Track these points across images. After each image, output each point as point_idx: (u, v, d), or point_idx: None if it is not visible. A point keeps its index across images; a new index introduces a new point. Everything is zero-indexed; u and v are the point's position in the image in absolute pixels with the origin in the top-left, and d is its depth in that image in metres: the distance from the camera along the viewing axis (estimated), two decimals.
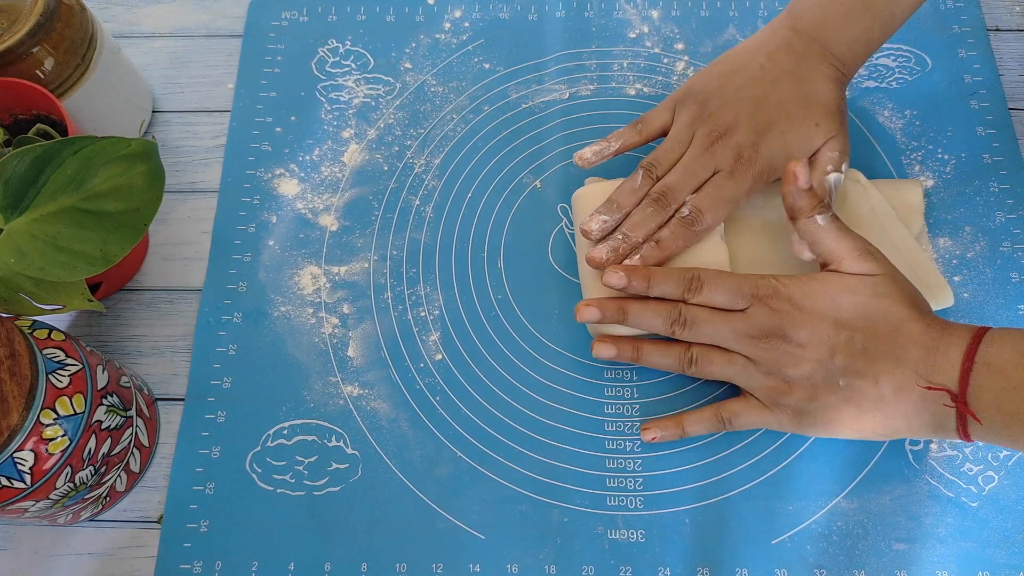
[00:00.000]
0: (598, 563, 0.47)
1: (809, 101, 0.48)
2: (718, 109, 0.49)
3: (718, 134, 0.48)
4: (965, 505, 0.48)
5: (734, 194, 0.48)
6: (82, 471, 0.43)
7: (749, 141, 0.47)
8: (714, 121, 0.48)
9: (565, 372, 0.52)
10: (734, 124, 0.48)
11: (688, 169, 0.48)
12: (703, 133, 0.49)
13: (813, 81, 0.48)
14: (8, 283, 0.43)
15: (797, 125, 0.48)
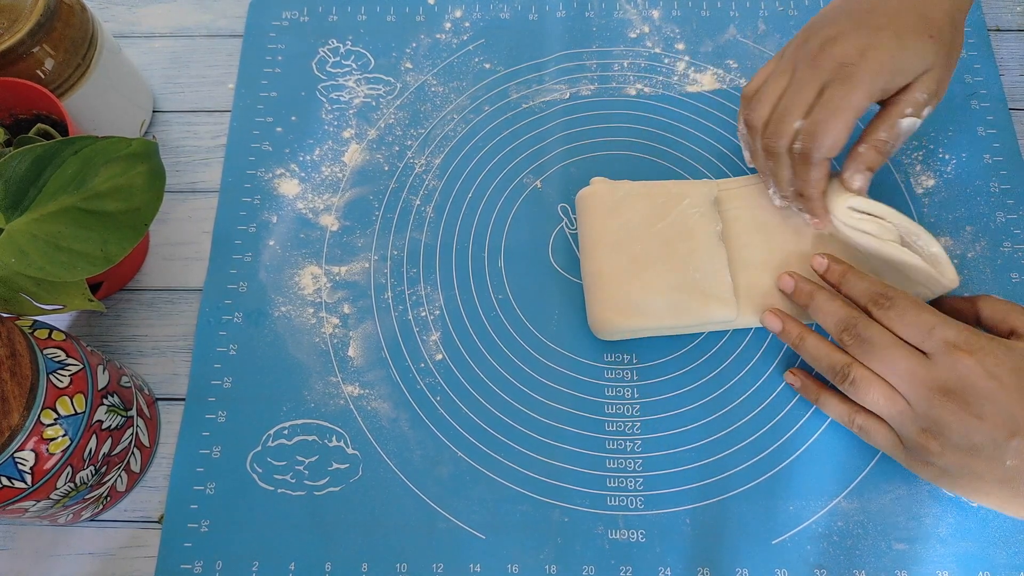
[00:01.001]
0: (598, 563, 0.47)
1: (923, 13, 0.43)
2: (821, 27, 0.44)
3: (821, 47, 0.43)
4: (965, 505, 0.48)
5: (847, 101, 0.42)
6: (83, 471, 0.43)
7: (856, 47, 0.42)
8: (817, 38, 0.44)
9: (565, 372, 0.52)
10: (839, 34, 0.43)
11: (791, 93, 0.44)
12: (805, 52, 0.44)
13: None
14: (8, 283, 0.43)
15: (907, 34, 0.42)
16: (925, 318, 0.41)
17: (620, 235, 0.50)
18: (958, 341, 0.39)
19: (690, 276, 0.49)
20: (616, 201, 0.51)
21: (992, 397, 0.38)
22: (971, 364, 0.39)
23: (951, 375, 0.39)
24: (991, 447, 0.38)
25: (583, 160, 0.58)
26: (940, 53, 0.43)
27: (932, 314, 0.41)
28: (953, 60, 0.44)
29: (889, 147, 0.44)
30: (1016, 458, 0.38)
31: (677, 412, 0.51)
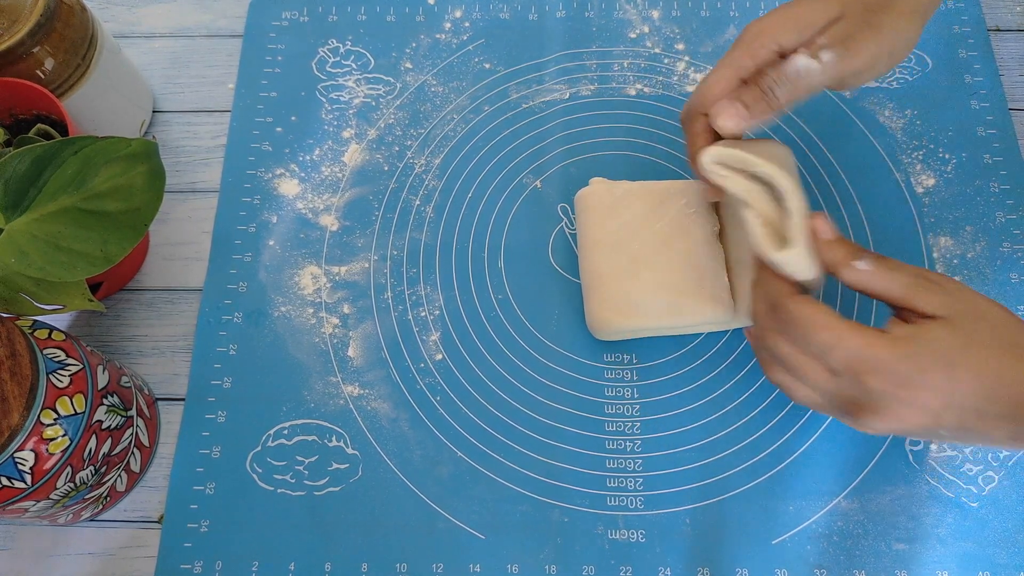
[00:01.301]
0: (598, 563, 0.47)
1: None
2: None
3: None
4: (965, 505, 0.48)
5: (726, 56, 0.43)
6: (82, 471, 0.43)
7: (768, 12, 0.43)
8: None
9: (565, 372, 0.52)
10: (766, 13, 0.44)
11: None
12: None
13: None
14: (8, 283, 0.43)
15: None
16: (823, 336, 0.38)
17: (618, 235, 0.50)
18: (854, 364, 0.37)
19: (688, 276, 0.49)
20: (614, 201, 0.51)
21: (909, 402, 0.37)
22: (875, 386, 0.37)
23: (861, 396, 0.38)
24: (922, 430, 0.38)
25: (583, 160, 0.58)
26: (853, 7, 0.41)
27: (827, 331, 0.38)
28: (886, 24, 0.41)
29: (772, 84, 0.41)
30: (950, 431, 0.38)
31: (677, 412, 0.51)
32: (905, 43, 0.42)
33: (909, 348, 0.37)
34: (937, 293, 0.38)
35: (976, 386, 0.36)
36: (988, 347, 0.37)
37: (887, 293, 0.39)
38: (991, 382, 0.36)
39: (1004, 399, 0.36)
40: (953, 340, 0.37)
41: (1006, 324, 0.38)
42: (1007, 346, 0.37)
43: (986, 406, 0.36)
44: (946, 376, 0.36)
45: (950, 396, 0.37)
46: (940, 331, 0.37)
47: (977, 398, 0.36)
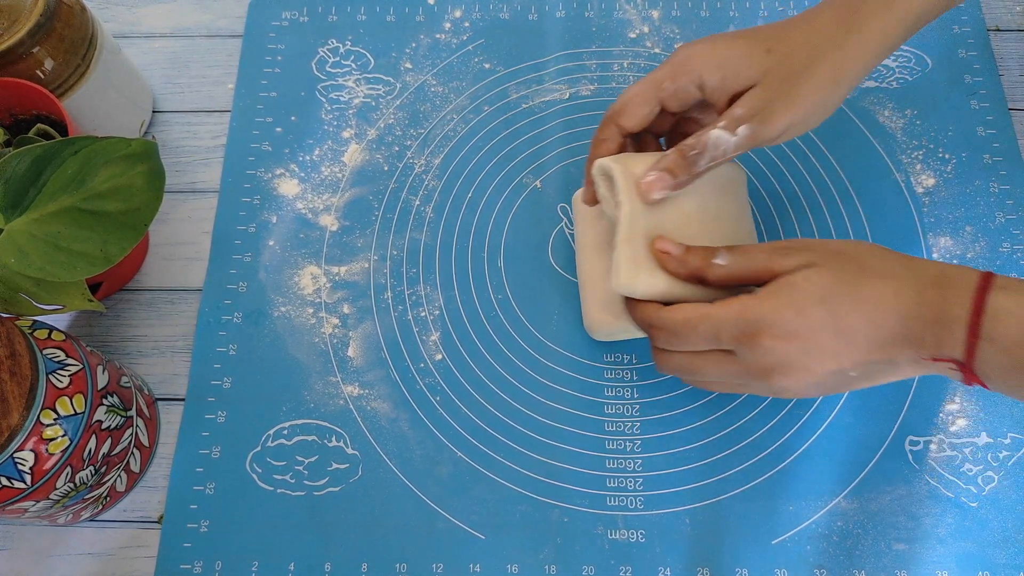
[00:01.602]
0: (598, 563, 0.47)
1: (781, 33, 0.42)
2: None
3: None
4: (965, 505, 0.48)
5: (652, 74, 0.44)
6: (82, 471, 0.43)
7: (697, 43, 0.44)
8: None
9: (565, 372, 0.52)
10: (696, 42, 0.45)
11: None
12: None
13: (805, 21, 0.43)
14: (8, 283, 0.43)
15: (751, 38, 0.42)
16: (702, 329, 0.40)
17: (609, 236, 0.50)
18: (741, 332, 0.39)
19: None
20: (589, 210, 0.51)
21: (807, 350, 0.38)
22: (768, 344, 0.38)
23: (761, 360, 0.39)
24: (832, 378, 0.39)
25: (583, 160, 0.58)
26: (774, 74, 0.41)
27: (706, 320, 0.40)
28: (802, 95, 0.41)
29: (694, 154, 0.42)
30: (857, 370, 0.39)
31: (677, 412, 0.51)
32: (822, 110, 0.43)
33: (781, 297, 0.38)
34: (795, 253, 0.39)
35: (858, 316, 0.38)
36: (857, 277, 0.38)
37: (752, 272, 0.40)
38: (871, 308, 0.37)
39: (890, 321, 0.37)
40: (820, 279, 0.38)
41: (869, 254, 0.39)
42: (875, 272, 0.38)
43: (875, 333, 0.38)
44: (826, 312, 0.38)
45: (837, 332, 0.38)
46: (806, 274, 0.38)
47: (864, 328, 0.38)
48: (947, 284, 0.37)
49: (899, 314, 0.37)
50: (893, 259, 0.39)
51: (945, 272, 0.38)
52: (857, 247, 0.40)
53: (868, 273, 0.38)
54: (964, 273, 0.38)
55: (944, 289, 0.37)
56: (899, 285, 0.38)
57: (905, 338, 0.38)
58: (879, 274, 0.38)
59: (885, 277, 0.38)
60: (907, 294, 0.37)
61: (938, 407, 0.50)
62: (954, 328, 0.36)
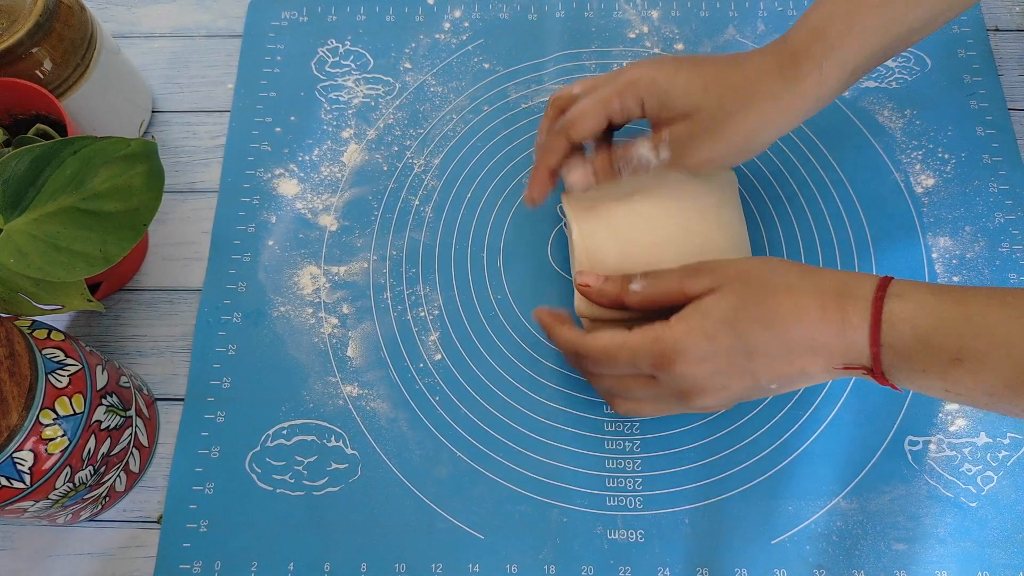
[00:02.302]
0: (597, 563, 0.47)
1: (720, 74, 0.44)
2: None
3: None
4: (964, 505, 0.48)
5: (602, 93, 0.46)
6: (81, 471, 0.43)
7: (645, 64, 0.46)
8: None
9: (565, 372, 0.52)
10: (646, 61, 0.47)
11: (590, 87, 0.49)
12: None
13: (748, 61, 0.44)
14: (8, 283, 0.43)
15: (695, 69, 0.44)
16: (621, 357, 0.42)
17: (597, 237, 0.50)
18: (656, 359, 0.41)
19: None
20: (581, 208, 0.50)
21: (720, 371, 0.40)
22: (681, 369, 0.40)
23: (679, 384, 0.41)
24: (748, 391, 0.41)
25: None
26: (705, 111, 0.44)
27: (623, 348, 0.42)
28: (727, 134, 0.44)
29: (619, 164, 0.47)
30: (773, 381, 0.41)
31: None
32: (744, 153, 0.46)
33: (691, 323, 0.40)
34: (702, 275, 0.41)
35: (765, 335, 0.39)
36: (760, 297, 0.40)
37: (666, 295, 0.42)
38: (776, 325, 0.39)
39: (796, 336, 0.39)
40: (726, 302, 0.40)
41: (771, 271, 0.41)
42: (777, 290, 0.40)
43: (783, 348, 0.39)
44: (734, 334, 0.39)
45: (747, 353, 0.39)
46: (712, 300, 0.40)
47: (773, 344, 0.39)
48: (847, 294, 0.39)
49: (803, 328, 0.39)
50: (796, 274, 0.41)
51: (846, 283, 0.39)
52: (762, 265, 0.42)
53: (771, 291, 0.40)
54: (863, 282, 0.39)
55: (843, 299, 0.39)
56: (800, 300, 0.39)
57: (812, 350, 0.39)
58: (782, 291, 0.40)
59: (788, 293, 0.39)
60: (809, 308, 0.39)
61: (937, 407, 0.50)
62: (856, 338, 0.38)
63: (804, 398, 0.50)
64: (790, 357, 0.39)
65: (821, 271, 0.41)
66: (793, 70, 0.43)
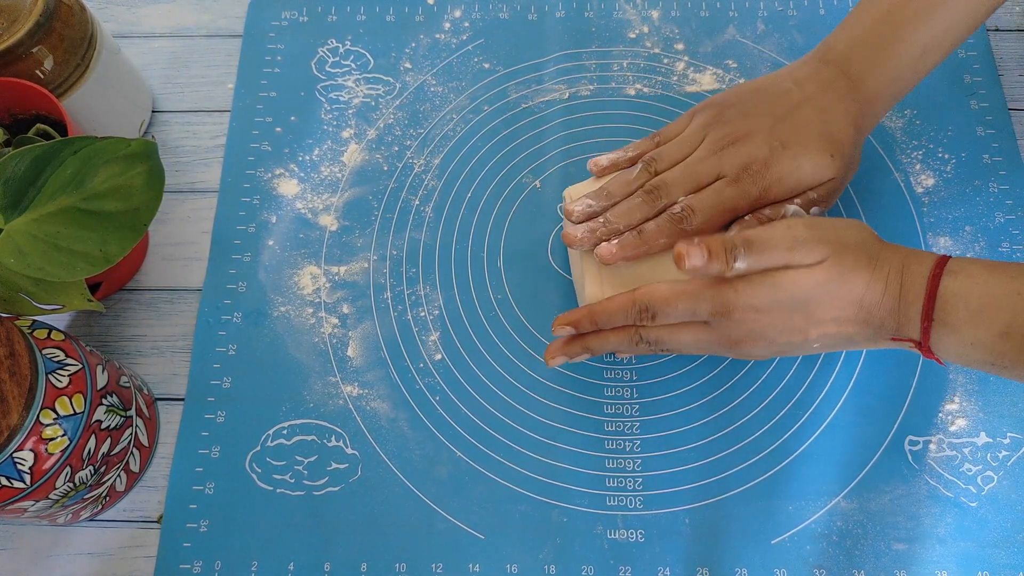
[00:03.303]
0: (598, 563, 0.47)
1: (829, 133, 0.46)
2: (735, 117, 0.47)
3: (731, 140, 0.47)
4: (964, 505, 0.48)
5: (734, 203, 0.46)
6: (82, 471, 0.43)
7: (762, 154, 0.46)
8: (729, 127, 0.47)
9: (565, 372, 0.52)
10: (749, 134, 0.46)
11: (689, 168, 0.47)
12: (715, 136, 0.47)
13: (835, 114, 0.47)
14: (8, 283, 0.43)
15: (812, 152, 0.46)
16: (686, 305, 0.43)
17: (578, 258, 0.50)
18: (720, 305, 0.42)
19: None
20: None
21: (774, 324, 0.42)
22: (742, 314, 0.42)
23: (734, 330, 0.43)
24: (794, 348, 0.43)
25: (582, 160, 0.58)
26: (839, 169, 0.46)
27: (691, 298, 0.43)
28: (850, 174, 0.48)
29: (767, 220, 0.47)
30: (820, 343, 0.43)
31: (676, 412, 0.51)
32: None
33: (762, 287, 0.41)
34: (814, 247, 0.41)
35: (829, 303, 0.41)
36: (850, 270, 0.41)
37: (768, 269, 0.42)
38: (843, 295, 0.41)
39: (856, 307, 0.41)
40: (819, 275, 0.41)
41: (864, 243, 0.42)
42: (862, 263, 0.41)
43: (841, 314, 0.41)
44: (803, 302, 0.41)
45: (809, 314, 0.41)
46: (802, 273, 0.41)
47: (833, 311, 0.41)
48: (907, 271, 0.41)
49: (866, 301, 0.41)
50: (876, 248, 0.42)
51: (908, 258, 0.41)
52: (858, 234, 0.42)
53: (848, 266, 0.41)
54: (923, 259, 0.41)
55: (904, 275, 0.41)
56: (874, 274, 0.41)
57: (867, 321, 0.41)
58: (865, 266, 0.41)
59: (867, 268, 0.41)
60: (877, 283, 0.41)
61: (937, 407, 0.50)
62: (911, 312, 0.40)
63: (804, 398, 0.50)
64: (845, 324, 0.42)
65: (892, 246, 0.42)
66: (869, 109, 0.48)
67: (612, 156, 0.50)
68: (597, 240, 0.47)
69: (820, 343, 0.43)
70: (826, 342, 0.43)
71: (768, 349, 0.43)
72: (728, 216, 0.46)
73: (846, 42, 0.48)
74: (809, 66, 0.49)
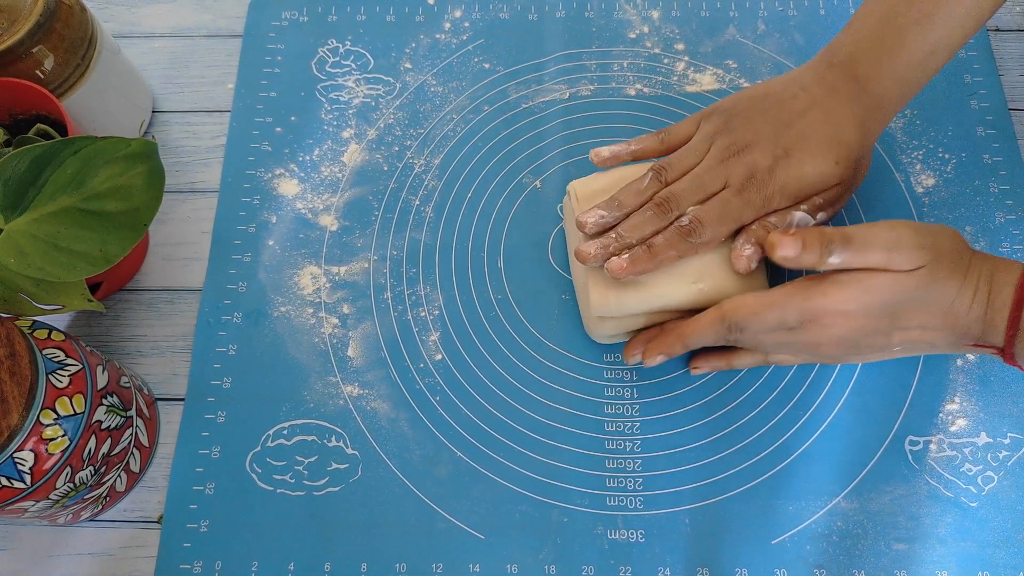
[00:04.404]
0: (598, 563, 0.47)
1: (834, 138, 0.46)
2: (741, 125, 0.47)
3: (736, 149, 0.47)
4: (965, 505, 0.48)
5: (740, 213, 0.46)
6: (82, 471, 0.43)
7: (766, 163, 0.46)
8: (734, 136, 0.47)
9: (565, 372, 0.52)
10: (754, 143, 0.47)
11: (698, 178, 0.47)
12: (721, 146, 0.47)
13: (841, 118, 0.47)
14: (8, 283, 0.43)
15: (816, 159, 0.46)
16: (772, 314, 0.43)
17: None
18: (805, 316, 0.42)
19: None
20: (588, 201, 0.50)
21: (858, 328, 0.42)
22: (827, 321, 0.42)
23: (817, 338, 0.43)
24: (878, 351, 0.44)
25: (582, 160, 0.58)
26: (844, 174, 0.46)
27: (778, 311, 0.43)
28: (858, 179, 0.48)
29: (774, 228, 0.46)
30: (901, 346, 0.43)
31: (676, 412, 0.51)
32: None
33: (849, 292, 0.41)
34: (912, 251, 0.41)
35: (919, 314, 0.41)
36: (943, 279, 0.41)
37: (867, 267, 0.42)
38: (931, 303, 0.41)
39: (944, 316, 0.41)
40: (908, 282, 0.41)
41: (956, 252, 0.42)
42: (955, 272, 0.41)
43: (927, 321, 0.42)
44: (890, 311, 0.41)
45: (894, 322, 0.42)
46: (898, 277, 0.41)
47: (919, 320, 0.42)
48: (995, 279, 0.41)
49: (954, 310, 0.41)
50: (967, 257, 0.42)
51: (996, 266, 0.42)
52: (950, 243, 0.42)
53: (943, 274, 0.41)
54: (1011, 267, 0.41)
55: (992, 283, 0.41)
56: (964, 283, 0.41)
57: (951, 328, 0.42)
58: (958, 276, 0.41)
59: (955, 276, 0.41)
60: (966, 292, 0.41)
61: (938, 407, 0.50)
62: (996, 320, 0.41)
63: (804, 398, 0.50)
64: (930, 331, 0.42)
65: (981, 254, 0.42)
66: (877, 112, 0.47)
67: (615, 148, 0.50)
68: (609, 255, 0.46)
69: (902, 347, 0.43)
70: (908, 347, 0.43)
71: (851, 353, 0.44)
72: (734, 225, 0.46)
73: (852, 44, 0.48)
74: (815, 70, 0.48)
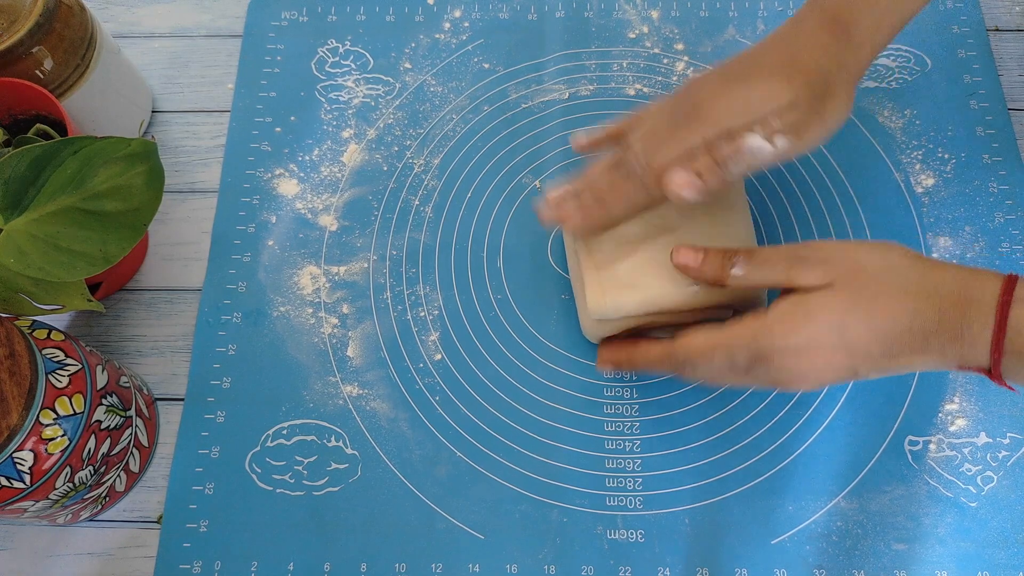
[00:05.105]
0: (597, 563, 0.47)
1: (790, 59, 0.42)
2: (698, 86, 0.44)
3: (684, 89, 0.44)
4: (964, 505, 0.48)
5: (685, 139, 0.41)
6: (81, 471, 0.43)
7: (711, 91, 0.42)
8: (689, 91, 0.43)
9: (565, 372, 0.52)
10: (702, 79, 0.43)
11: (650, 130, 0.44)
12: (677, 105, 0.44)
13: (802, 41, 0.42)
14: (8, 283, 0.43)
15: (765, 77, 0.41)
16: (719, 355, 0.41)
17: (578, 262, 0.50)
18: (754, 356, 0.40)
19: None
20: None
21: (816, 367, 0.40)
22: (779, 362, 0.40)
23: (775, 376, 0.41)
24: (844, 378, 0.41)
25: (582, 160, 0.58)
26: (801, 95, 0.41)
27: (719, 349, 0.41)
28: (828, 111, 0.42)
29: (726, 158, 0.41)
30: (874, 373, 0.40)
31: (676, 412, 0.51)
32: (839, 124, 0.43)
33: (794, 322, 0.39)
34: (813, 266, 0.40)
35: (871, 335, 0.38)
36: (873, 298, 0.38)
37: (769, 283, 0.42)
38: (886, 326, 0.38)
39: (906, 339, 0.38)
40: (837, 303, 0.39)
41: (890, 268, 0.39)
42: (892, 290, 0.38)
43: (889, 348, 0.38)
44: (838, 335, 0.39)
45: (850, 351, 0.39)
46: (822, 299, 0.39)
47: (878, 344, 0.38)
48: (969, 299, 0.37)
49: (915, 333, 0.38)
50: (916, 273, 0.39)
51: (968, 284, 0.37)
52: (879, 260, 0.40)
53: (886, 292, 0.38)
54: (986, 284, 0.37)
55: (965, 305, 0.37)
56: (918, 305, 0.38)
57: (924, 351, 0.38)
58: (898, 293, 0.38)
59: (904, 296, 0.38)
60: (926, 314, 0.37)
61: (937, 407, 0.50)
62: (977, 344, 0.37)
63: (804, 398, 0.50)
64: (897, 358, 0.39)
65: (942, 269, 0.39)
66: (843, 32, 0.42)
67: (592, 132, 0.49)
68: (564, 210, 0.45)
69: (879, 373, 0.40)
70: (882, 372, 0.40)
71: (817, 385, 0.41)
72: (683, 155, 0.42)
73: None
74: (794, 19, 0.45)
